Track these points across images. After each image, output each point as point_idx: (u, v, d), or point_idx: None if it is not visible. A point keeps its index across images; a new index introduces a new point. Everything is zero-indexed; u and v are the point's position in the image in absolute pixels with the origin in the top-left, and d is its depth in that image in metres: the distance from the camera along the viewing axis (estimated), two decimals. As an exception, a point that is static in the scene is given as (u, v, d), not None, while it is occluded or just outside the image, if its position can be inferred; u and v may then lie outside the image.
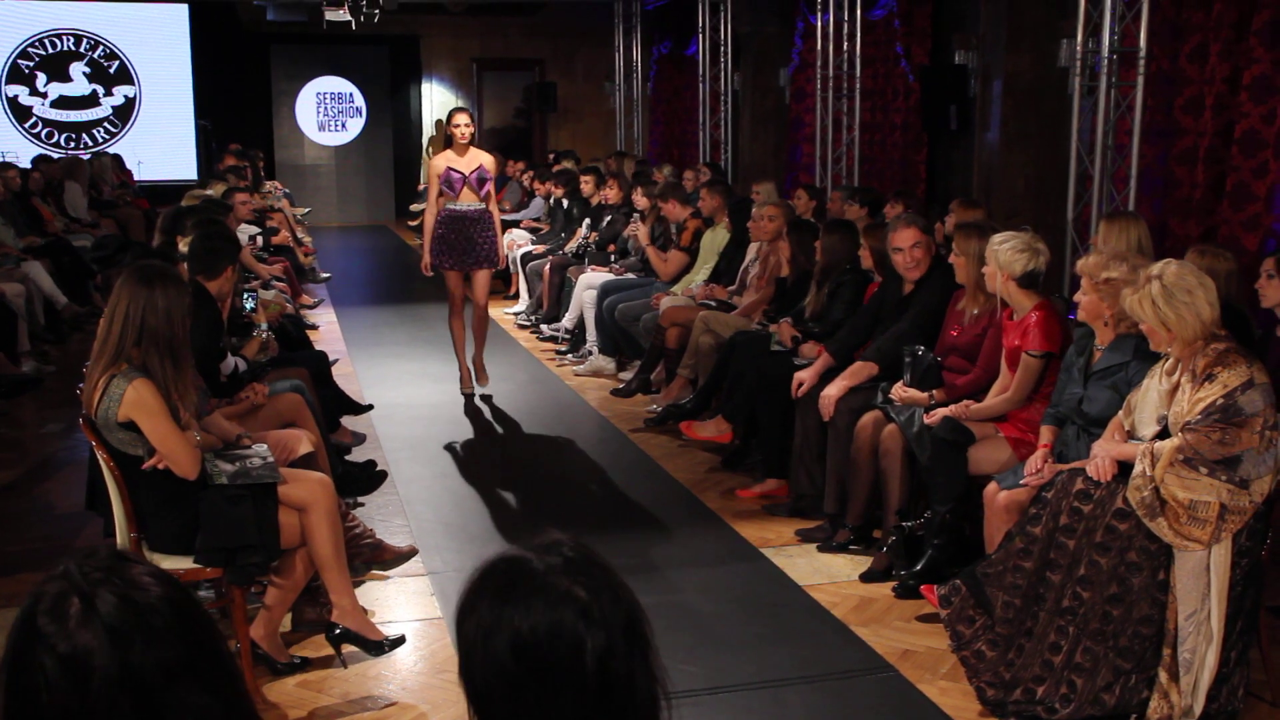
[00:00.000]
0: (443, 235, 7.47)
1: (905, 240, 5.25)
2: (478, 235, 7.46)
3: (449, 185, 7.39)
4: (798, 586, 4.74)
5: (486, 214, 7.49)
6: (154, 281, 3.62)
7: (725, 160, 12.97)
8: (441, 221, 7.48)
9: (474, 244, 7.45)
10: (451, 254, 7.47)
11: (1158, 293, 3.54)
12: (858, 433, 5.01)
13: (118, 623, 1.30)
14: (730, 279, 7.65)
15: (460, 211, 7.41)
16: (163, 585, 1.37)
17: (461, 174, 7.38)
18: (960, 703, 3.78)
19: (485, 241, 7.50)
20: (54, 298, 9.47)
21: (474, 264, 7.52)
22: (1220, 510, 3.46)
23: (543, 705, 1.38)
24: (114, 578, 1.35)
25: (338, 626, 3.93)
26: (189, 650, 1.34)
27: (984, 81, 8.82)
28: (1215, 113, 6.83)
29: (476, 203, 7.43)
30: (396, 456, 6.44)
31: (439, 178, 7.40)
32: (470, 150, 7.42)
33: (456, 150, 7.41)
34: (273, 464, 3.92)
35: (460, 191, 7.39)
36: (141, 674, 1.29)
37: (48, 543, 5.24)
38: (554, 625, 1.38)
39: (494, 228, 7.55)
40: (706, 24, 13.17)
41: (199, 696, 1.33)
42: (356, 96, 19.29)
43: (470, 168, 7.39)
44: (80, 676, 1.28)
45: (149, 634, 1.31)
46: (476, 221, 7.45)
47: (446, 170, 7.38)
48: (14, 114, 16.88)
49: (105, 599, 1.32)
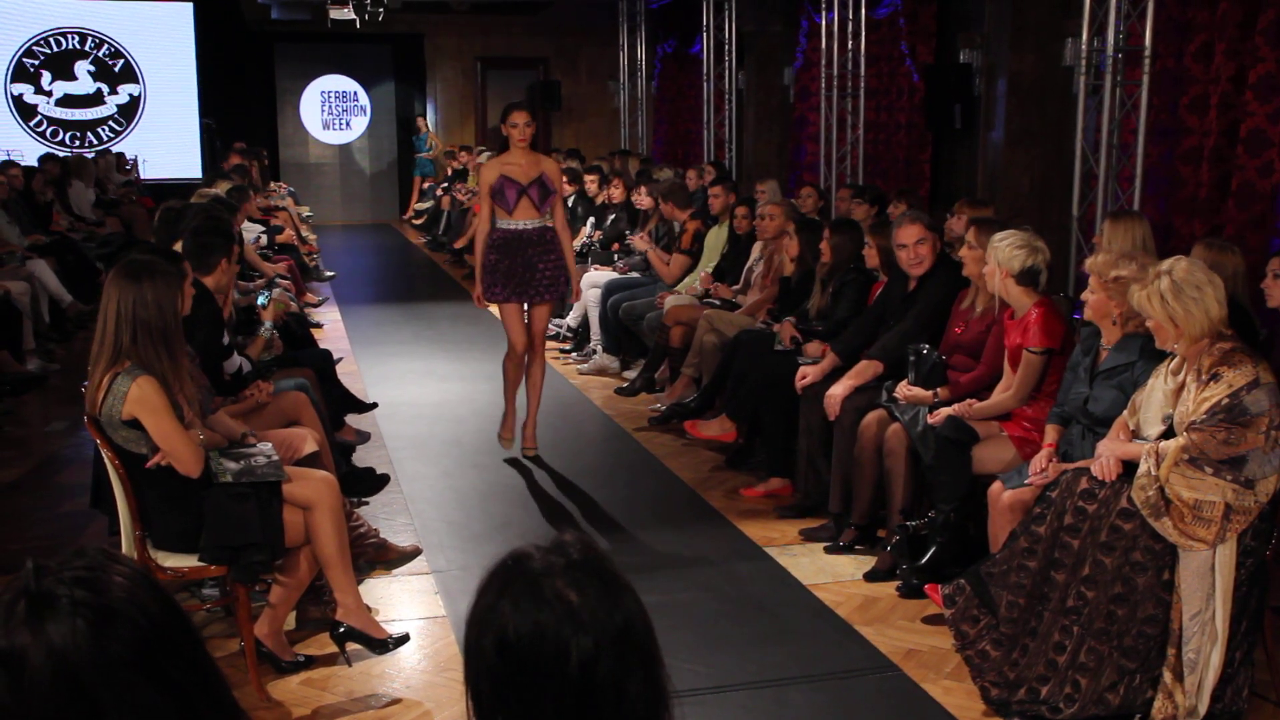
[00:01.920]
0: (496, 261, 6.15)
1: (909, 237, 5.26)
2: (539, 259, 6.13)
3: (501, 198, 6.08)
4: (801, 586, 4.74)
5: (550, 232, 6.17)
6: (141, 275, 3.62)
7: (729, 159, 12.96)
8: (494, 243, 6.16)
9: (534, 270, 6.12)
10: (507, 282, 6.14)
11: (1166, 288, 3.53)
12: (861, 431, 5.00)
13: (55, 620, 1.32)
14: (734, 278, 7.65)
15: (516, 230, 6.10)
16: (131, 586, 1.38)
17: (518, 184, 6.06)
18: (964, 702, 3.78)
19: (549, 266, 6.16)
20: (59, 296, 9.48)
21: (535, 294, 6.19)
22: (1225, 510, 3.45)
23: (525, 705, 1.39)
24: (74, 579, 1.36)
25: (342, 625, 3.93)
26: (137, 648, 1.34)
27: (988, 80, 8.81)
28: (1220, 111, 6.82)
29: (537, 219, 6.12)
30: (400, 455, 6.44)
31: (490, 188, 6.12)
32: (530, 155, 6.13)
33: (513, 155, 6.11)
34: (277, 462, 3.92)
35: (516, 205, 6.07)
36: (76, 671, 1.31)
37: (52, 541, 5.24)
38: (538, 626, 1.38)
39: (559, 249, 6.19)
40: (711, 22, 13.17)
41: (146, 694, 1.33)
42: (361, 95, 19.31)
43: (529, 176, 6.07)
44: (14, 674, 1.31)
45: (93, 631, 1.33)
46: (537, 242, 6.12)
47: (500, 179, 6.07)
48: (19, 112, 16.90)
49: (54, 600, 1.34)
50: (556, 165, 6.45)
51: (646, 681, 1.41)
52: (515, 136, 6.07)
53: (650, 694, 1.41)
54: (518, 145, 6.08)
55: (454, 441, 6.80)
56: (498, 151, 6.43)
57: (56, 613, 1.33)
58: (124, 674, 1.33)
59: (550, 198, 6.14)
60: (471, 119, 19.69)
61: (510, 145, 6.11)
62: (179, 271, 3.89)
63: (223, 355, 4.91)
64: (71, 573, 1.37)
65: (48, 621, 1.32)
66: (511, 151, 6.11)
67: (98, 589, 1.36)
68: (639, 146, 15.51)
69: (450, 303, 11.77)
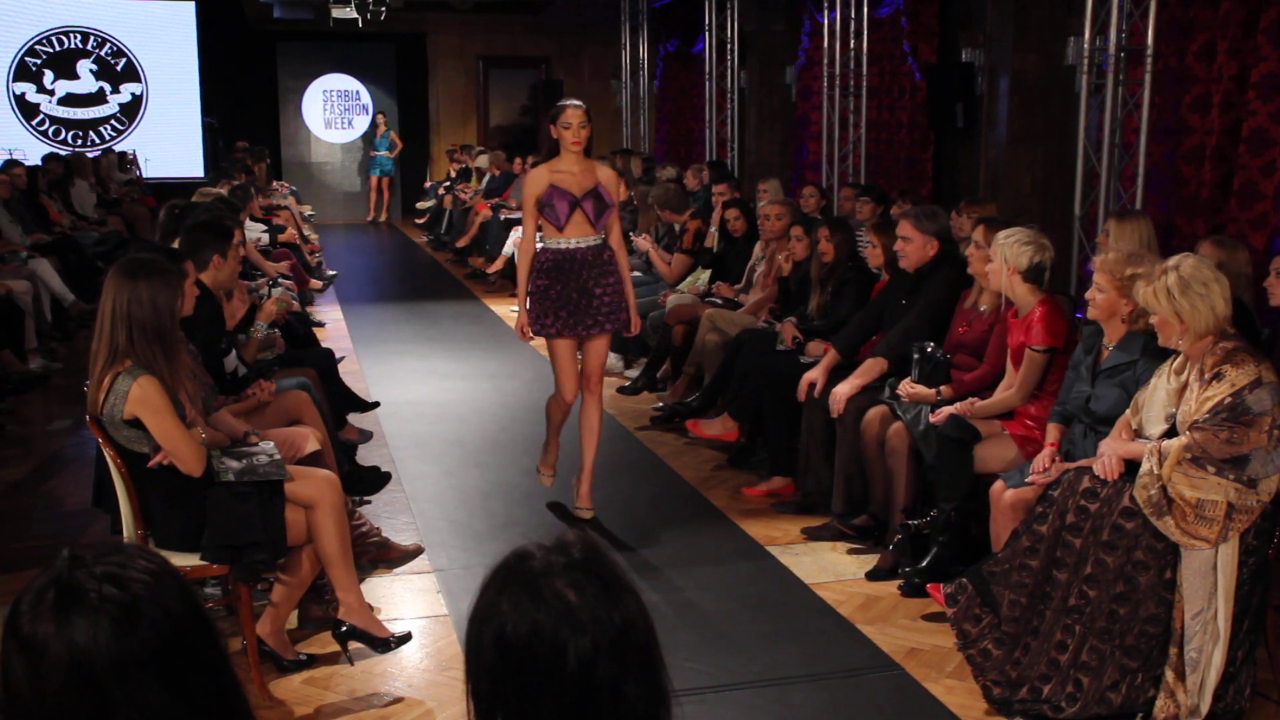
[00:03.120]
0: (545, 287, 5.23)
1: (898, 232, 5.39)
2: (595, 283, 5.23)
3: (551, 212, 5.14)
4: (803, 585, 4.74)
5: (607, 252, 5.27)
6: (137, 274, 3.62)
7: (731, 158, 12.96)
8: (542, 266, 5.24)
9: (590, 296, 5.22)
10: (558, 311, 5.22)
11: (1174, 283, 3.54)
12: (864, 429, 5.01)
13: (80, 614, 1.34)
14: (736, 277, 7.66)
15: (568, 250, 5.18)
16: (159, 587, 1.39)
17: (570, 196, 5.13)
18: (966, 701, 3.78)
19: (608, 292, 5.24)
20: (61, 295, 9.49)
21: (592, 326, 5.26)
22: (1228, 509, 3.45)
23: (522, 703, 1.39)
24: (105, 574, 1.37)
25: (344, 624, 3.94)
26: (155, 649, 1.35)
27: (991, 79, 8.80)
28: (1223, 111, 6.82)
29: (592, 236, 5.21)
30: (402, 454, 6.44)
31: (537, 201, 5.19)
32: (584, 162, 5.22)
33: (565, 161, 5.17)
34: (280, 461, 3.92)
35: (568, 220, 5.15)
36: (91, 666, 1.33)
37: (54, 540, 5.24)
38: (535, 626, 1.38)
39: (618, 271, 5.30)
40: (713, 21, 13.16)
41: (157, 695, 1.34)
42: (363, 94, 19.30)
43: (583, 187, 5.17)
44: (33, 662, 1.33)
45: (115, 628, 1.34)
46: (593, 264, 5.21)
47: (549, 190, 5.13)
48: (21, 111, 16.91)
49: (83, 594, 1.35)
50: (614, 173, 5.56)
51: (646, 683, 1.40)
52: (568, 139, 5.13)
53: (650, 695, 1.41)
54: (570, 150, 5.15)
55: (456, 440, 6.80)
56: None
57: (82, 607, 1.34)
58: (138, 674, 1.34)
59: (607, 212, 5.22)
60: (473, 118, 19.70)
61: (561, 150, 5.17)
62: (178, 270, 3.87)
63: (222, 354, 4.91)
64: (103, 568, 1.38)
65: (73, 614, 1.34)
66: (562, 157, 5.17)
67: (126, 587, 1.37)
68: (641, 145, 15.51)
69: (452, 302, 11.78)
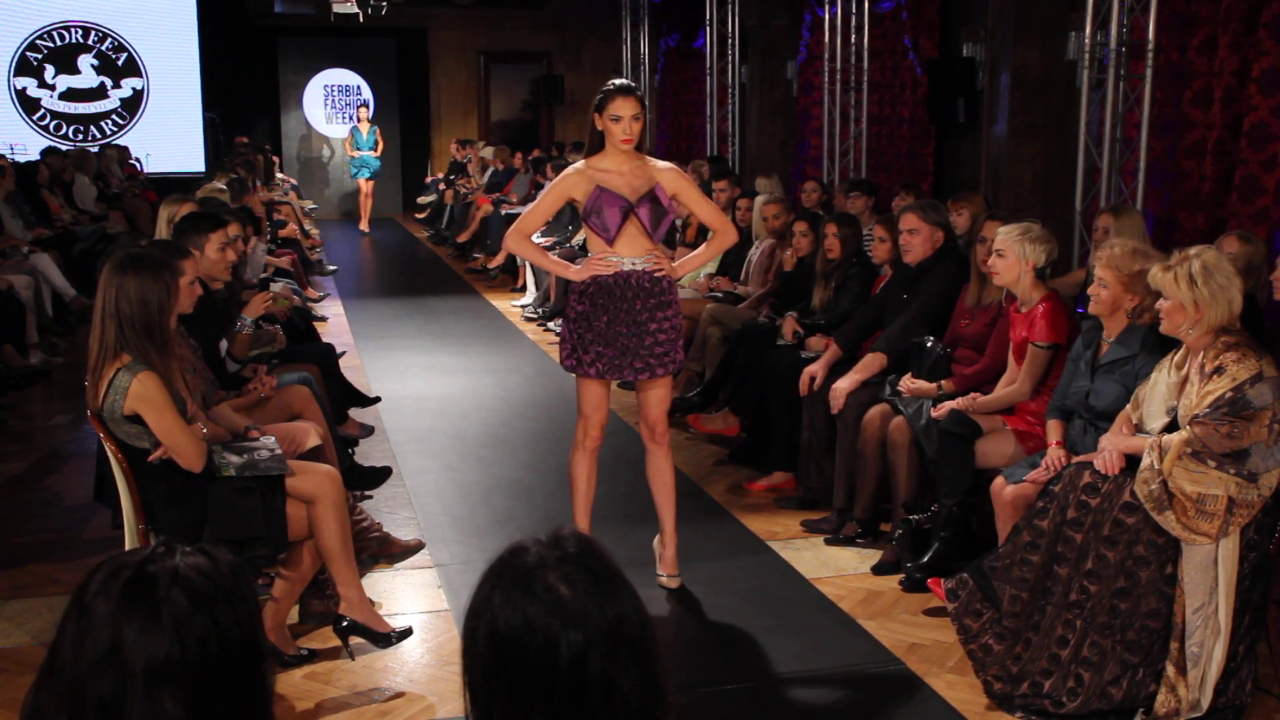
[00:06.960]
0: (588, 314, 4.29)
1: (904, 224, 5.37)
2: (650, 316, 4.28)
3: (599, 220, 4.23)
4: (805, 580, 4.74)
5: (666, 279, 4.32)
6: (126, 269, 3.60)
7: (733, 153, 12.95)
8: (585, 288, 4.28)
9: (643, 334, 4.28)
10: (605, 349, 4.29)
11: (1197, 270, 3.54)
12: (865, 425, 5.01)
13: (138, 607, 1.35)
14: (737, 272, 7.65)
15: (620, 271, 4.25)
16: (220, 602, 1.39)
17: (623, 201, 4.22)
18: (967, 696, 3.78)
19: (663, 329, 4.31)
20: (62, 290, 9.48)
21: (641, 371, 4.34)
22: (1228, 504, 3.45)
23: (515, 697, 1.38)
24: (179, 577, 1.37)
25: (345, 619, 3.94)
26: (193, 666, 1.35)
27: (992, 74, 8.79)
28: (1224, 105, 6.81)
29: (649, 255, 4.28)
30: (403, 449, 6.44)
31: (584, 206, 4.27)
32: (635, 160, 4.30)
33: (613, 159, 4.28)
34: (281, 456, 3.92)
35: (620, 232, 4.22)
36: (125, 658, 1.33)
37: (56, 534, 5.25)
38: (528, 620, 1.38)
39: (677, 301, 4.39)
40: (714, 16, 13.14)
41: (172, 713, 1.33)
42: (364, 89, 19.29)
43: (638, 190, 4.25)
44: (81, 631, 1.35)
45: (161, 633, 1.34)
46: (650, 292, 4.27)
47: (596, 193, 4.22)
48: (22, 106, 16.90)
49: (151, 590, 1.36)
50: (675, 170, 4.43)
51: (640, 678, 1.40)
52: (618, 134, 4.22)
53: (645, 690, 1.40)
54: (620, 147, 4.25)
55: (457, 435, 6.80)
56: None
57: (143, 601, 1.35)
58: (164, 685, 1.33)
59: (665, 220, 4.31)
60: (474, 113, 19.70)
61: (608, 145, 4.28)
62: (171, 266, 3.81)
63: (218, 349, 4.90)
64: (185, 571, 1.38)
65: (133, 604, 1.35)
66: (609, 154, 4.28)
67: (193, 596, 1.37)
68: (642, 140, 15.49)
69: (453, 297, 11.78)
